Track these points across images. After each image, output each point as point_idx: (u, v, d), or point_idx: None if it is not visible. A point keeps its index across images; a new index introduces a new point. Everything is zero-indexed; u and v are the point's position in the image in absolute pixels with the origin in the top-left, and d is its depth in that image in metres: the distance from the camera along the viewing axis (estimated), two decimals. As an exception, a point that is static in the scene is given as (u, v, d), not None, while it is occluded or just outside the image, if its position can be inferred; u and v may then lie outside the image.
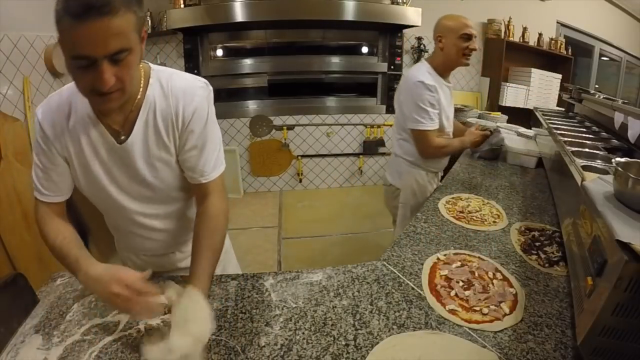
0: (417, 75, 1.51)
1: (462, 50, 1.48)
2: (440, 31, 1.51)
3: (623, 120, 1.34)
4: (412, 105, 1.51)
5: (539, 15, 3.92)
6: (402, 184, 1.73)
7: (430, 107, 1.50)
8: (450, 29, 1.48)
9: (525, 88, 3.75)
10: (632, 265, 0.56)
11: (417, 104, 1.49)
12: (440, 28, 1.51)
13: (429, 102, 1.49)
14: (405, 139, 1.66)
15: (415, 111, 1.51)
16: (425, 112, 1.50)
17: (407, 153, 1.69)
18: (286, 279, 0.94)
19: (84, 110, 0.77)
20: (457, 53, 1.49)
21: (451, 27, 1.48)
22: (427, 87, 1.48)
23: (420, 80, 1.48)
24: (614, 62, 4.87)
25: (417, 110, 1.50)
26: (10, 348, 0.72)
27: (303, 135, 3.78)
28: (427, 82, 1.48)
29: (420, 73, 1.52)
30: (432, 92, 1.48)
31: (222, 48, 3.64)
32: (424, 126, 1.52)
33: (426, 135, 1.54)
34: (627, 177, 0.72)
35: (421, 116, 1.50)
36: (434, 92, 1.49)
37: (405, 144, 1.68)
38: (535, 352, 0.71)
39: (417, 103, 1.49)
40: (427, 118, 1.51)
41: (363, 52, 3.83)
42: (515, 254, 1.06)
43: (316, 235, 2.95)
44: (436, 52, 1.57)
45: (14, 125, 1.76)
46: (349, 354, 0.71)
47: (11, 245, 1.57)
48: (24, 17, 1.96)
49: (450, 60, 1.53)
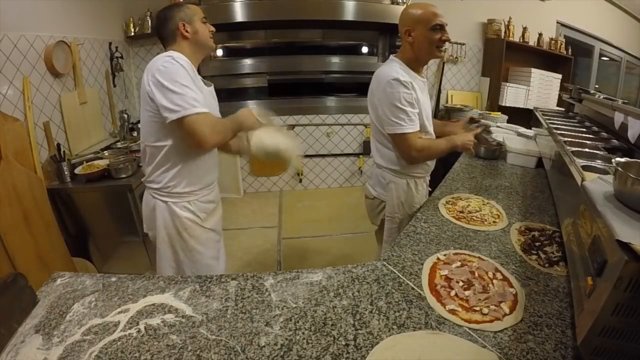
0: (390, 73, 1.34)
1: (435, 43, 1.33)
2: (408, 24, 1.34)
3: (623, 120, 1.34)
4: (388, 106, 1.35)
5: (539, 15, 3.92)
6: (388, 195, 1.55)
7: (408, 106, 1.34)
8: (419, 20, 1.32)
9: (525, 88, 3.75)
10: (632, 265, 0.56)
11: (394, 104, 1.33)
12: (408, 21, 1.35)
13: (406, 100, 1.33)
14: (385, 144, 1.49)
15: (392, 113, 1.34)
16: (403, 113, 1.33)
17: (389, 162, 1.51)
18: (286, 279, 0.94)
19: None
20: (429, 46, 1.34)
21: (420, 19, 1.32)
22: (403, 84, 1.32)
23: (395, 77, 1.32)
24: (614, 62, 4.87)
25: (395, 111, 1.34)
26: (10, 348, 0.72)
27: (303, 135, 3.77)
28: (403, 79, 1.32)
29: (393, 70, 1.36)
30: (408, 89, 1.33)
31: (222, 48, 3.65)
32: (403, 129, 1.35)
33: (407, 138, 1.37)
34: (627, 177, 0.72)
35: (399, 118, 1.34)
36: (411, 90, 1.34)
37: (386, 152, 1.50)
38: (535, 352, 0.71)
39: (394, 103, 1.33)
40: (407, 119, 1.34)
41: (363, 52, 3.83)
42: (515, 254, 1.06)
43: (316, 235, 2.95)
44: (405, 47, 1.40)
45: (14, 125, 1.76)
46: (349, 354, 0.71)
47: (11, 245, 1.57)
48: (24, 17, 1.96)
49: (422, 55, 1.39)
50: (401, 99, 1.32)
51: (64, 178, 2.00)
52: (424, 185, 1.61)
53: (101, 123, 2.70)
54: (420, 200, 1.56)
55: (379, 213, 1.62)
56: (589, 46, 4.52)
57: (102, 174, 2.03)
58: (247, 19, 3.03)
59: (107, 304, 0.85)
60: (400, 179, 1.52)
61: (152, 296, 0.87)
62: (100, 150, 2.39)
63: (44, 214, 1.82)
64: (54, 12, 2.21)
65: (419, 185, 1.56)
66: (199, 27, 1.25)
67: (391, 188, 1.53)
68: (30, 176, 1.78)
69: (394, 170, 1.51)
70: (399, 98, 1.32)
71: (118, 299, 0.87)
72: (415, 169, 1.51)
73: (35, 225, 1.74)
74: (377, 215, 1.65)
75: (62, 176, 2.00)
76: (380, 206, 1.60)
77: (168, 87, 1.09)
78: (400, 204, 1.54)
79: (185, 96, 1.10)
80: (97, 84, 2.69)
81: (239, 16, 3.00)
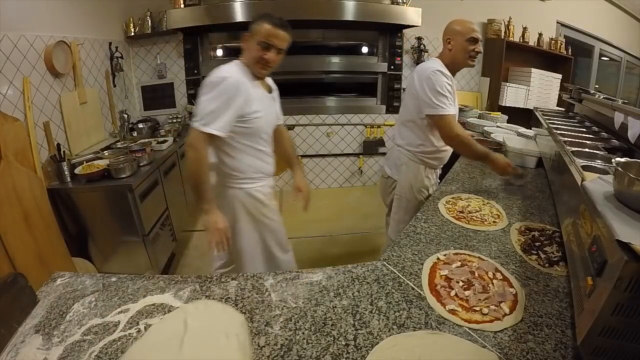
0: (434, 66, 1.57)
1: (469, 52, 1.58)
2: (450, 34, 1.60)
3: (623, 120, 1.34)
4: (432, 91, 1.53)
5: (539, 15, 3.92)
6: (400, 176, 1.74)
7: (449, 94, 1.55)
8: (459, 32, 1.57)
9: (525, 88, 3.75)
10: (632, 265, 0.56)
11: (437, 90, 1.52)
12: (450, 31, 1.60)
13: (447, 89, 1.54)
14: (411, 128, 1.68)
15: (435, 97, 1.53)
16: (444, 98, 1.53)
17: (409, 144, 1.70)
18: (286, 279, 0.94)
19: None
20: (464, 54, 1.58)
21: (460, 31, 1.57)
22: (445, 75, 1.54)
23: (438, 69, 1.54)
24: (614, 62, 4.87)
25: (437, 95, 1.52)
26: (10, 348, 0.72)
27: (303, 135, 3.78)
28: (445, 72, 1.55)
29: (436, 65, 1.58)
30: (449, 80, 1.55)
31: (222, 48, 3.64)
32: (445, 111, 1.53)
33: (448, 119, 1.55)
34: (627, 177, 0.72)
35: (441, 102, 1.53)
36: (451, 82, 1.56)
37: (409, 134, 1.69)
38: (535, 352, 0.71)
39: (437, 89, 1.52)
40: (447, 103, 1.54)
41: (363, 52, 3.82)
42: (515, 254, 1.06)
43: (316, 235, 2.95)
44: (444, 53, 1.63)
45: (14, 125, 1.76)
46: (349, 354, 0.71)
47: (11, 245, 1.57)
48: (24, 17, 1.96)
49: (457, 61, 1.61)
50: (443, 86, 1.52)
51: (64, 178, 2.00)
52: (434, 176, 1.76)
53: (101, 123, 2.70)
54: (429, 188, 1.73)
55: (390, 192, 1.83)
56: (589, 46, 4.52)
57: (102, 174, 2.03)
58: (247, 19, 3.02)
59: (107, 304, 0.85)
60: (414, 162, 1.70)
61: (152, 296, 0.87)
62: (100, 150, 2.39)
63: (44, 214, 1.82)
64: (54, 12, 2.21)
65: (429, 174, 1.72)
66: (252, 47, 1.36)
67: (403, 170, 1.72)
68: (30, 176, 1.78)
69: (410, 152, 1.70)
70: (441, 85, 1.52)
71: (118, 299, 0.87)
72: (431, 158, 1.69)
73: (35, 225, 1.73)
74: (388, 194, 1.86)
75: (62, 176, 1.99)
76: (392, 185, 1.81)
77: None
78: (410, 187, 1.71)
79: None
80: (97, 84, 2.69)
81: (239, 16, 3.00)
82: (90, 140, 2.51)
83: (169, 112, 3.51)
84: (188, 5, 3.04)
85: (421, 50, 3.63)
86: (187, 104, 3.50)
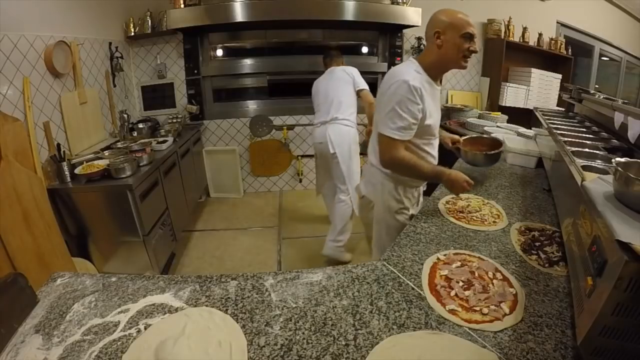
0: (403, 74, 1.28)
1: (463, 51, 1.27)
2: (439, 26, 1.27)
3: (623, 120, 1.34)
4: (390, 107, 1.28)
5: (539, 15, 3.92)
6: (375, 196, 1.50)
7: (408, 115, 1.26)
8: (452, 25, 1.25)
9: (525, 88, 3.75)
10: (632, 265, 0.56)
11: (394, 107, 1.26)
12: (439, 23, 1.28)
13: (407, 108, 1.25)
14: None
15: (389, 114, 1.28)
16: (399, 118, 1.26)
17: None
18: (286, 279, 0.94)
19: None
20: (457, 53, 1.28)
21: (453, 24, 1.25)
22: (412, 90, 1.24)
23: (405, 80, 1.25)
24: (614, 62, 4.87)
25: (391, 113, 1.27)
26: (10, 348, 0.72)
27: (303, 135, 3.77)
28: (413, 84, 1.25)
29: (408, 72, 1.30)
30: (414, 97, 1.25)
31: (222, 48, 3.64)
32: (393, 134, 1.28)
33: (392, 143, 1.30)
34: (627, 177, 0.72)
35: (393, 121, 1.28)
36: (417, 98, 1.26)
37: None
38: (535, 352, 0.71)
39: (394, 106, 1.26)
40: (400, 126, 1.27)
41: (363, 52, 3.82)
42: (515, 254, 1.06)
43: (316, 235, 2.95)
44: (430, 50, 1.33)
45: (14, 125, 1.76)
46: (349, 354, 0.71)
47: (11, 245, 1.57)
48: (24, 17, 1.96)
49: (447, 61, 1.31)
50: (402, 104, 1.25)
51: (64, 178, 2.00)
52: (415, 194, 1.53)
53: (101, 123, 2.70)
54: (409, 208, 1.50)
55: (369, 212, 1.57)
56: (589, 46, 4.52)
57: (102, 174, 2.03)
58: (247, 19, 3.02)
59: (107, 304, 0.85)
60: (389, 182, 1.45)
61: (152, 296, 0.87)
62: (100, 150, 2.39)
63: (44, 214, 1.82)
64: (54, 12, 2.21)
65: (409, 193, 1.48)
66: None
67: (379, 189, 1.48)
68: (30, 176, 1.78)
69: (385, 173, 1.45)
70: (399, 102, 1.26)
71: (118, 299, 0.87)
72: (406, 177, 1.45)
73: (35, 225, 1.73)
74: (367, 214, 1.60)
75: (62, 176, 2.00)
76: (370, 205, 1.55)
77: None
78: (388, 208, 1.48)
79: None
80: (97, 84, 2.69)
81: (239, 16, 3.00)
82: (90, 140, 2.51)
83: (169, 112, 3.52)
84: (188, 5, 3.04)
85: (421, 50, 3.63)
86: (187, 104, 3.50)
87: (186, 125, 3.41)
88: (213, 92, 3.68)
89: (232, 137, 3.70)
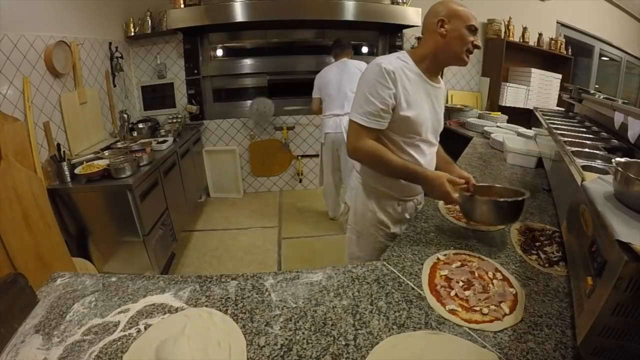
0: (380, 59, 1.18)
1: (467, 44, 1.13)
2: (444, 14, 1.13)
3: (623, 120, 1.34)
4: (360, 92, 1.17)
5: (539, 15, 3.92)
6: (351, 200, 1.40)
7: (377, 100, 1.12)
8: (458, 14, 1.12)
9: (525, 88, 3.75)
10: (632, 265, 0.56)
11: (365, 92, 1.14)
12: (443, 11, 1.14)
13: (377, 92, 1.12)
14: None
15: (358, 100, 1.17)
16: (367, 104, 1.14)
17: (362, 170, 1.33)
18: (286, 279, 0.94)
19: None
20: (461, 45, 1.13)
21: (459, 13, 1.12)
22: (383, 73, 1.11)
23: (379, 62, 1.14)
24: (614, 62, 4.87)
25: (362, 99, 1.16)
26: (10, 348, 0.72)
27: (303, 135, 3.78)
28: (386, 67, 1.11)
29: (386, 57, 1.19)
30: (386, 81, 1.12)
31: (222, 48, 3.65)
32: (359, 119, 1.16)
33: (359, 130, 1.17)
34: (627, 177, 0.72)
35: (362, 107, 1.15)
36: (390, 83, 1.12)
37: None
38: (535, 352, 0.71)
39: (365, 92, 1.14)
40: (368, 113, 1.14)
41: (363, 52, 3.82)
42: (515, 254, 1.06)
43: (316, 235, 2.95)
44: (427, 41, 1.18)
45: (14, 125, 1.76)
46: (349, 354, 0.71)
47: (11, 245, 1.57)
48: (24, 17, 1.96)
49: (449, 53, 1.16)
50: (372, 88, 1.13)
51: (64, 178, 2.00)
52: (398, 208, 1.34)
53: (101, 123, 2.70)
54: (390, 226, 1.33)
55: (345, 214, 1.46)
56: (589, 46, 4.53)
57: (102, 174, 2.03)
58: (247, 19, 3.03)
59: (107, 304, 0.85)
60: (364, 189, 1.33)
61: (152, 296, 0.87)
62: (100, 150, 2.39)
63: (44, 214, 1.82)
64: (54, 12, 2.21)
65: (388, 207, 1.32)
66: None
67: (354, 193, 1.38)
68: (30, 176, 1.78)
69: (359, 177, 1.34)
70: (370, 86, 1.13)
71: (118, 299, 0.87)
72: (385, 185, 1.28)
73: (35, 225, 1.73)
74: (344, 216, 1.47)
75: (62, 176, 2.00)
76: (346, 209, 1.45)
77: None
78: (362, 216, 1.35)
79: None
80: (97, 84, 2.69)
81: (239, 16, 3.00)
82: (90, 140, 2.51)
83: (169, 112, 3.52)
84: (188, 5, 3.04)
85: (421, 50, 3.63)
86: (187, 104, 3.50)
87: (186, 125, 3.42)
88: (213, 92, 3.69)
89: (232, 137, 3.70)
